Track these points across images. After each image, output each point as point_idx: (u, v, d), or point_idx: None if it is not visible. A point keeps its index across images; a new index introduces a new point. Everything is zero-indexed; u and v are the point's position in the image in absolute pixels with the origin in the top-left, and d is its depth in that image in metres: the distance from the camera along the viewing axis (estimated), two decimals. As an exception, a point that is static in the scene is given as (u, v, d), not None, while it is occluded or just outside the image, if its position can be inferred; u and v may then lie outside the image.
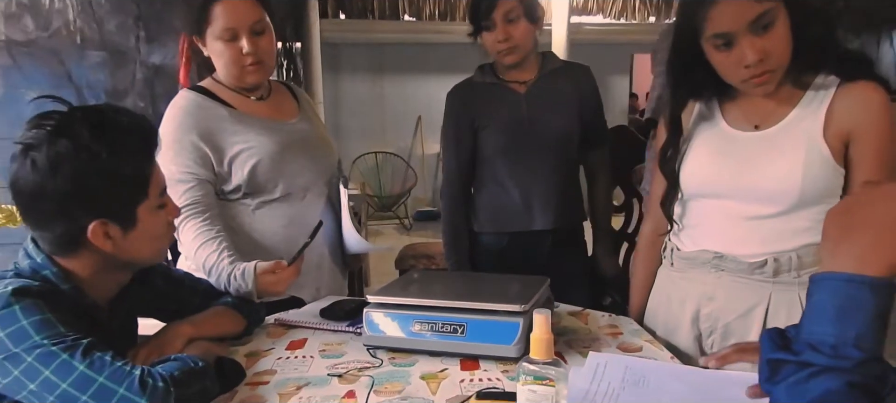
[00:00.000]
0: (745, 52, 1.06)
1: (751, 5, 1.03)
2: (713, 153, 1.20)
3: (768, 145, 1.13)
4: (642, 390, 1.03)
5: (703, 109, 1.25)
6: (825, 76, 1.11)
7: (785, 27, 1.05)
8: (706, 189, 1.21)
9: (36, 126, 0.97)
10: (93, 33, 2.15)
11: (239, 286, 1.32)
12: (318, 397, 1.05)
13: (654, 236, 1.36)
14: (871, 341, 0.61)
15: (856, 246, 0.64)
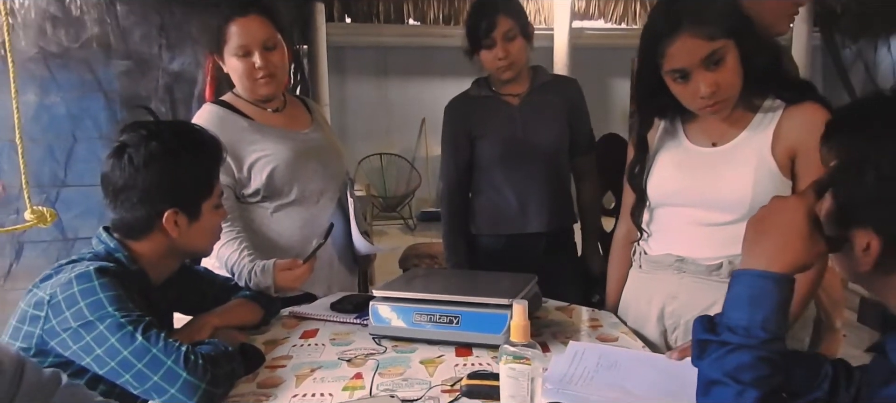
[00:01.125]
0: (699, 85, 1.21)
1: (703, 45, 1.18)
2: (676, 166, 1.36)
3: (724, 160, 1.29)
4: (614, 373, 1.18)
5: (668, 126, 1.40)
6: (772, 100, 1.27)
7: (735, 61, 1.20)
8: (670, 198, 1.37)
9: (131, 130, 1.21)
10: (118, 43, 2.32)
11: (259, 281, 1.49)
12: (329, 378, 1.21)
13: (626, 241, 1.52)
14: (775, 324, 0.77)
15: (766, 249, 0.80)
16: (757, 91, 1.27)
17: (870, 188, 0.75)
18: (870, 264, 0.76)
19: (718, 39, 1.18)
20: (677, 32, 1.19)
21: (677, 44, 1.20)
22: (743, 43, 1.20)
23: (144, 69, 2.45)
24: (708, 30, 1.17)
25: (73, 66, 2.16)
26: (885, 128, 0.75)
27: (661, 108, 1.35)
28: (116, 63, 2.31)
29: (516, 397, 0.95)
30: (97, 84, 2.23)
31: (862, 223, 0.76)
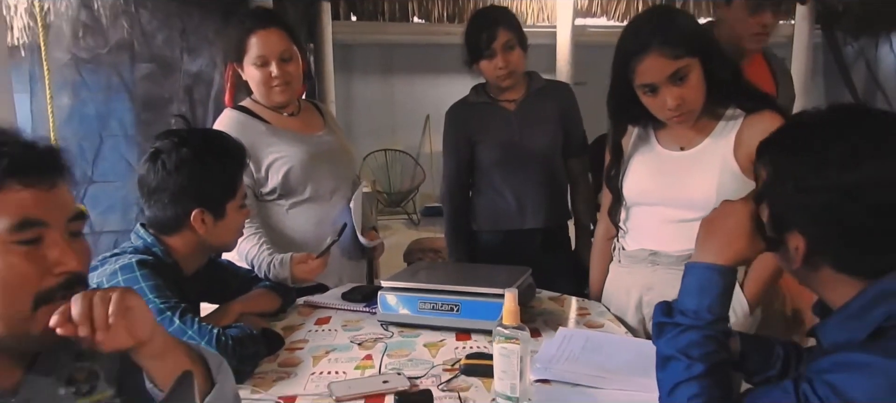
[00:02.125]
0: (666, 99, 1.36)
1: (669, 63, 1.33)
2: (649, 169, 1.51)
3: (691, 163, 1.44)
4: (597, 355, 1.34)
5: (641, 132, 1.56)
6: (734, 109, 1.42)
7: (698, 77, 1.36)
8: (643, 198, 1.53)
9: (165, 137, 1.38)
10: (141, 47, 2.48)
11: (277, 273, 1.65)
12: (343, 359, 1.37)
13: (606, 238, 1.69)
14: (719, 308, 0.92)
15: (713, 246, 0.95)
16: (720, 102, 1.43)
17: (792, 197, 0.89)
18: (799, 262, 0.91)
19: (683, 58, 1.33)
20: (646, 51, 1.35)
21: (646, 62, 1.35)
22: (706, 60, 1.36)
23: (166, 71, 2.62)
24: (673, 50, 1.33)
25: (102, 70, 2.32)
26: (802, 147, 0.90)
27: (634, 116, 1.49)
28: (140, 66, 2.47)
29: (508, 373, 1.11)
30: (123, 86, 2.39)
31: (791, 227, 0.91)
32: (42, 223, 0.80)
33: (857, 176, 0.84)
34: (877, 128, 0.88)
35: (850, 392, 0.79)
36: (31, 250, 0.80)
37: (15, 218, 0.78)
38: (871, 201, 0.84)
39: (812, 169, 0.88)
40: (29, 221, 0.79)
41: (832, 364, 0.83)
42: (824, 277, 0.92)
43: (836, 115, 0.92)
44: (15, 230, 0.78)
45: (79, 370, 0.93)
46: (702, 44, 1.37)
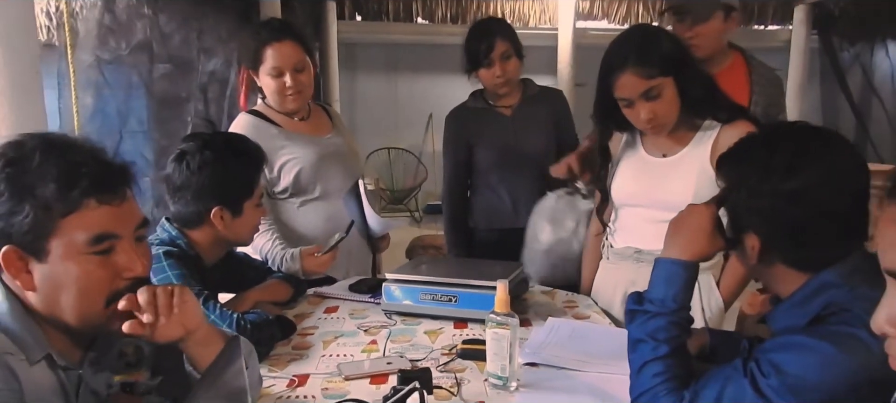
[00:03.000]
0: (639, 112, 1.50)
1: (642, 82, 1.47)
2: (634, 173, 1.65)
3: (672, 168, 1.58)
4: (582, 343, 1.48)
5: (629, 139, 1.69)
6: (710, 120, 1.56)
7: (671, 94, 1.49)
8: (629, 200, 1.66)
9: (191, 139, 1.51)
10: (160, 48, 2.62)
11: (289, 266, 1.79)
12: (350, 343, 1.51)
13: (597, 235, 1.82)
14: (683, 298, 1.06)
15: (678, 243, 1.09)
16: (698, 113, 1.56)
17: (745, 203, 1.03)
18: (755, 259, 1.05)
19: (656, 78, 1.47)
20: (623, 69, 1.49)
21: (623, 78, 1.49)
22: (679, 78, 1.49)
23: (183, 71, 2.76)
24: (647, 70, 1.46)
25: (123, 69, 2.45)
26: (752, 159, 1.04)
27: (619, 123, 1.63)
28: (158, 66, 2.61)
29: (499, 355, 1.25)
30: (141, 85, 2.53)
31: (747, 229, 1.05)
32: (114, 235, 0.95)
33: (797, 183, 0.98)
34: (813, 142, 1.02)
35: (787, 367, 0.92)
36: (104, 258, 0.94)
37: (92, 233, 0.92)
38: (810, 204, 0.98)
39: (760, 178, 1.02)
40: (103, 236, 0.94)
41: (775, 345, 0.97)
42: (776, 272, 1.06)
43: (781, 132, 1.06)
44: (91, 243, 0.93)
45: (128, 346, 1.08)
46: (676, 64, 1.50)
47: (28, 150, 0.92)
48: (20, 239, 0.90)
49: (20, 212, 0.89)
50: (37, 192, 0.89)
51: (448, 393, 1.23)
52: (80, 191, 0.91)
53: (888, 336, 0.71)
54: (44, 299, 0.93)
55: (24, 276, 0.91)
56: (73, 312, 0.94)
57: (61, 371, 0.96)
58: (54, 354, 0.95)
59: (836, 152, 1.02)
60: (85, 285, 0.93)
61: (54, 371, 0.95)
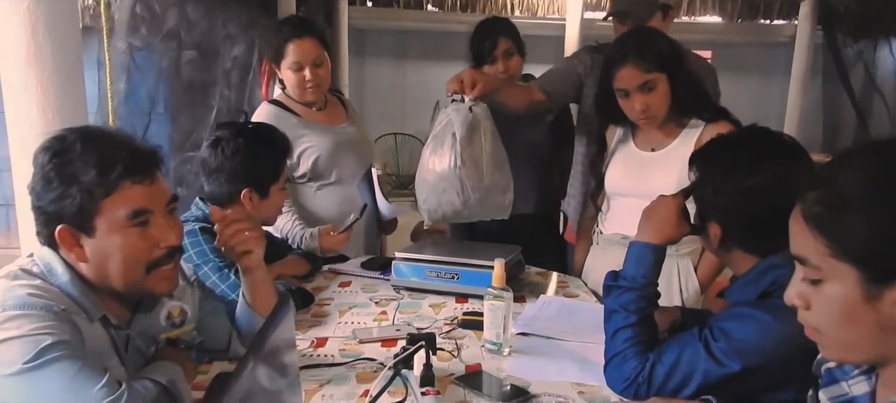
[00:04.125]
0: (635, 103, 1.69)
1: (639, 74, 1.66)
2: (624, 165, 1.83)
3: (659, 162, 1.76)
4: (570, 317, 1.67)
5: (621, 134, 1.88)
6: (696, 119, 1.74)
7: (664, 89, 1.67)
8: (618, 189, 1.85)
9: (226, 128, 1.70)
10: (187, 35, 2.80)
11: (308, 244, 1.99)
12: (363, 313, 1.70)
13: (589, 220, 2.01)
14: (651, 275, 1.25)
15: (649, 229, 1.28)
16: (685, 112, 1.75)
17: (711, 197, 1.22)
18: (717, 244, 1.24)
19: (653, 73, 1.65)
20: (624, 62, 1.68)
21: (622, 71, 1.68)
22: (673, 78, 1.67)
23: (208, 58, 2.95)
24: (645, 64, 1.65)
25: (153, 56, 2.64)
26: (717, 159, 1.22)
27: (616, 116, 1.81)
28: (185, 53, 2.79)
29: (494, 324, 1.44)
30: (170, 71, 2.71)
31: (711, 218, 1.23)
32: (148, 210, 1.13)
33: (753, 182, 1.17)
34: (770, 146, 1.20)
35: (733, 333, 1.12)
36: (142, 231, 1.13)
37: (130, 209, 1.10)
38: (763, 201, 1.16)
39: (723, 177, 1.20)
40: (139, 211, 1.11)
41: (726, 315, 1.16)
42: (734, 255, 1.25)
43: (744, 137, 1.25)
44: (130, 218, 1.11)
45: (173, 306, 1.28)
46: (671, 64, 1.69)
47: (69, 143, 1.09)
48: (70, 218, 1.08)
49: (68, 196, 1.06)
50: (81, 178, 1.07)
51: (450, 355, 1.43)
52: (117, 174, 1.08)
53: (799, 309, 0.88)
54: (95, 268, 1.11)
55: (78, 250, 1.09)
56: (120, 278, 1.12)
57: (113, 330, 1.15)
58: (108, 315, 1.14)
59: (787, 156, 1.21)
60: (128, 254, 1.11)
61: (108, 329, 1.14)
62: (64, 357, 0.98)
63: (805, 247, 0.79)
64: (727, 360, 1.12)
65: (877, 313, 0.74)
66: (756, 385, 1.13)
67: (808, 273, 0.80)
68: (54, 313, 1.02)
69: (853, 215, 0.74)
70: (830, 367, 0.92)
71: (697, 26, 7.19)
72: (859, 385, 0.86)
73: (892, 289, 0.72)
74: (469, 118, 1.80)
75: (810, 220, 0.78)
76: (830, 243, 0.75)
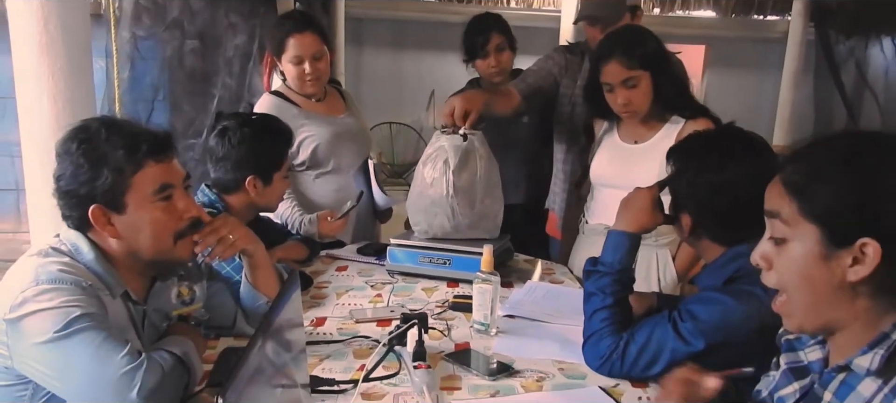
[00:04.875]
0: (617, 97, 1.80)
1: (622, 71, 1.78)
2: (609, 157, 1.95)
3: (641, 155, 1.87)
4: (554, 301, 1.79)
5: (608, 127, 1.99)
6: (677, 116, 1.85)
7: (646, 85, 1.79)
8: (603, 181, 1.96)
9: (231, 118, 1.79)
10: (190, 25, 2.89)
11: (307, 230, 2.09)
12: (360, 296, 1.82)
13: (574, 216, 2.12)
14: (627, 261, 1.37)
15: (625, 217, 1.40)
16: (667, 109, 1.86)
17: (684, 190, 1.34)
18: (687, 233, 1.35)
19: (636, 70, 1.77)
20: (610, 58, 1.80)
21: (608, 66, 1.80)
22: (656, 75, 1.78)
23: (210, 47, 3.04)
24: (628, 61, 1.77)
25: (157, 45, 2.73)
26: (691, 155, 1.34)
27: (604, 111, 1.92)
28: (188, 42, 2.89)
29: (482, 306, 1.56)
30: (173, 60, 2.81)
31: (684, 209, 1.35)
32: (171, 185, 1.25)
33: (723, 178, 1.28)
34: (739, 145, 1.32)
35: (699, 314, 1.24)
36: (167, 204, 1.24)
37: (156, 185, 1.22)
38: (731, 195, 1.28)
39: (696, 171, 1.32)
40: (164, 185, 1.23)
41: (694, 298, 1.29)
42: (704, 244, 1.36)
43: (716, 135, 1.37)
44: (157, 192, 1.22)
45: (183, 286, 1.39)
46: (655, 63, 1.80)
47: (94, 130, 1.20)
48: (102, 198, 1.18)
49: (100, 177, 1.17)
50: (110, 159, 1.18)
51: (440, 334, 1.54)
52: (143, 153, 1.20)
53: (763, 271, 0.98)
54: (126, 243, 1.22)
55: (109, 228, 1.21)
56: (151, 248, 1.23)
57: (132, 305, 1.27)
58: (129, 291, 1.25)
59: (755, 154, 1.32)
60: (157, 226, 1.23)
61: (127, 304, 1.26)
62: (91, 328, 1.09)
63: (780, 205, 0.90)
64: (692, 339, 1.24)
65: (831, 273, 0.85)
66: (719, 361, 1.24)
67: (776, 229, 0.91)
68: (82, 288, 1.13)
69: (822, 184, 0.86)
70: (790, 338, 1.03)
71: (692, 20, 7.31)
72: (814, 353, 0.97)
73: (845, 253, 0.84)
74: (462, 147, 1.89)
75: (787, 185, 0.90)
76: (801, 203, 0.87)
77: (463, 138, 1.90)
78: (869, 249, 0.82)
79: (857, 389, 0.85)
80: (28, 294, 1.10)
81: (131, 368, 1.09)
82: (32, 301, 1.09)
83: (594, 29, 2.20)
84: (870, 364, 0.84)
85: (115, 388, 1.08)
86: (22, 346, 1.10)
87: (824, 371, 0.93)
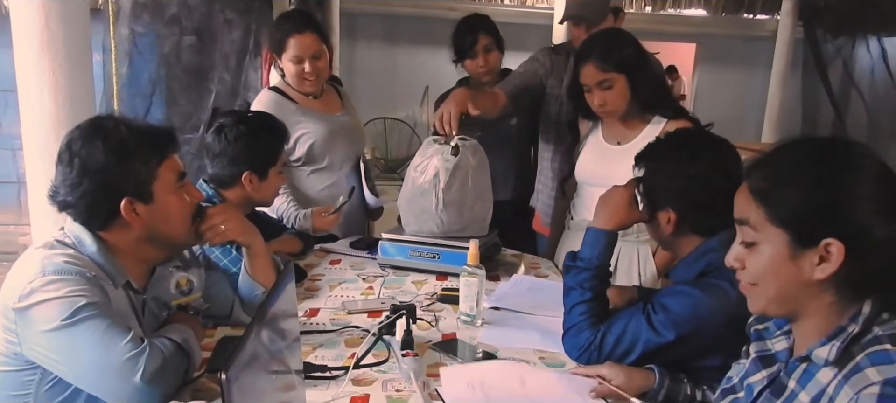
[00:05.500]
0: (594, 98, 1.88)
1: (597, 73, 1.85)
2: (593, 157, 2.02)
3: (623, 155, 1.94)
4: (538, 294, 1.86)
5: (592, 127, 2.06)
6: (658, 116, 1.93)
7: (622, 87, 1.86)
8: (587, 179, 2.04)
9: (228, 116, 1.86)
10: (187, 21, 2.95)
11: (302, 224, 2.16)
12: (352, 288, 1.89)
13: (560, 213, 2.20)
14: (604, 257, 1.44)
15: (603, 215, 1.47)
16: (648, 110, 1.93)
17: (663, 185, 1.40)
18: (671, 229, 1.42)
19: (610, 73, 1.85)
20: (587, 60, 1.87)
21: (585, 68, 1.88)
22: (632, 78, 1.86)
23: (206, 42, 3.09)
24: (603, 64, 1.84)
25: (156, 41, 2.78)
26: (665, 153, 1.41)
27: (588, 110, 1.99)
28: (185, 38, 2.94)
29: (468, 298, 1.63)
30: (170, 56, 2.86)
31: (663, 205, 1.42)
32: (185, 173, 1.33)
33: (697, 169, 1.36)
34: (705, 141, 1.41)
35: (670, 306, 1.31)
36: (184, 190, 1.33)
37: (177, 173, 1.32)
38: (705, 184, 1.35)
39: (673, 165, 1.39)
40: (182, 173, 1.34)
41: (667, 292, 1.36)
42: (682, 240, 1.43)
43: (681, 135, 1.45)
44: (179, 179, 1.32)
45: (181, 277, 1.45)
46: (630, 65, 1.87)
47: (111, 127, 1.26)
48: (131, 190, 1.26)
49: (129, 170, 1.25)
50: (138, 152, 1.25)
51: (428, 325, 1.61)
52: (164, 144, 1.30)
53: (737, 271, 1.05)
54: (153, 229, 1.29)
55: (134, 217, 1.27)
56: (178, 231, 1.34)
57: (133, 294, 1.33)
58: (131, 281, 1.32)
59: (718, 148, 1.41)
60: (182, 210, 1.34)
61: (129, 294, 1.32)
62: (95, 316, 1.16)
63: (748, 212, 0.97)
64: (664, 330, 1.31)
65: (799, 271, 0.92)
66: (689, 351, 1.33)
67: (746, 234, 0.98)
68: (86, 278, 1.19)
69: (787, 190, 0.93)
70: (759, 329, 1.10)
71: (682, 18, 7.40)
72: (780, 343, 1.05)
73: (810, 252, 0.91)
74: (452, 163, 1.93)
75: (754, 192, 0.96)
76: (767, 209, 0.94)
77: (454, 150, 1.94)
78: (833, 248, 0.88)
79: (817, 377, 0.93)
80: (35, 284, 1.16)
81: (135, 354, 1.16)
82: (40, 291, 1.15)
83: (579, 29, 2.27)
84: (827, 355, 0.91)
85: (120, 372, 1.15)
86: (30, 334, 1.16)
87: (789, 360, 1.00)
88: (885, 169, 0.91)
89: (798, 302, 0.95)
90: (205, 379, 1.31)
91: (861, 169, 0.90)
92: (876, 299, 0.91)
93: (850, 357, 0.89)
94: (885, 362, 0.85)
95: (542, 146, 2.43)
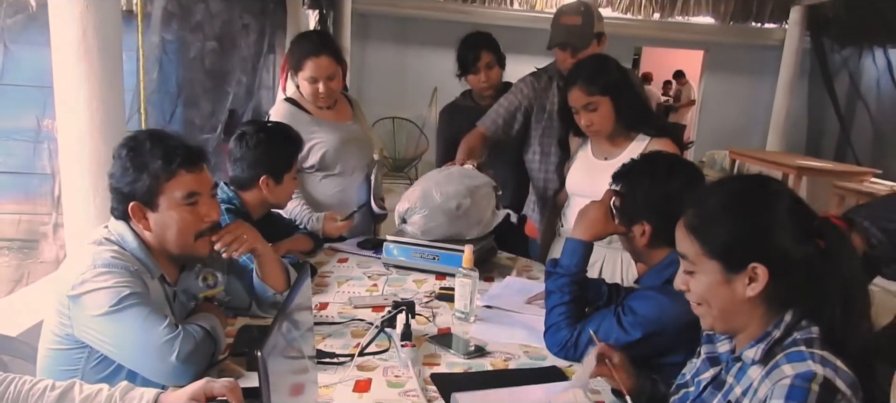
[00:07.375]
0: (581, 119, 2.09)
1: (583, 96, 2.05)
2: (582, 170, 2.22)
3: (610, 169, 2.10)
4: (527, 295, 2.06)
5: (582, 143, 2.27)
6: (643, 134, 2.12)
7: (607, 109, 2.06)
8: (577, 191, 2.23)
9: (249, 125, 2.09)
10: (209, 27, 3.16)
11: (314, 227, 2.37)
12: (358, 285, 2.10)
13: (550, 221, 2.40)
14: (582, 265, 1.64)
15: (581, 226, 1.67)
16: (633, 127, 2.12)
17: (641, 200, 1.60)
18: (645, 241, 1.61)
19: (595, 96, 2.05)
20: (574, 85, 2.08)
21: (572, 92, 2.09)
22: (616, 100, 2.05)
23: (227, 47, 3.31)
24: (588, 88, 2.05)
25: (182, 48, 2.99)
26: (643, 172, 1.61)
27: (577, 129, 2.19)
28: (208, 44, 3.15)
29: (463, 297, 1.83)
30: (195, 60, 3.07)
31: (639, 219, 1.61)
32: (198, 193, 1.52)
33: (671, 186, 1.55)
34: (675, 163, 1.61)
35: (638, 309, 1.51)
36: (192, 208, 1.51)
37: (185, 192, 1.50)
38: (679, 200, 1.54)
39: (650, 182, 1.59)
40: (191, 193, 1.51)
41: (635, 296, 1.56)
42: (655, 250, 1.63)
43: (653, 157, 1.66)
44: (185, 198, 1.50)
45: (207, 272, 1.66)
46: (614, 88, 2.07)
47: (141, 141, 1.49)
48: (141, 197, 1.47)
49: (140, 180, 1.46)
50: (150, 167, 1.46)
51: (426, 320, 1.82)
52: (176, 164, 1.48)
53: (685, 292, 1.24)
54: (157, 236, 1.50)
55: (144, 221, 1.49)
56: (176, 244, 1.51)
57: (166, 286, 1.54)
58: (164, 274, 1.53)
59: (687, 170, 1.60)
60: (181, 226, 1.50)
61: (163, 286, 1.54)
62: (138, 304, 1.37)
63: (685, 247, 1.17)
64: (631, 330, 1.51)
65: (733, 292, 1.12)
66: (653, 348, 1.53)
67: (687, 266, 1.18)
68: (130, 271, 1.41)
69: (716, 227, 1.13)
70: (710, 333, 1.30)
71: (691, 26, 7.56)
72: (724, 345, 1.25)
73: (741, 275, 1.10)
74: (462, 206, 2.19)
75: (689, 228, 1.16)
76: (701, 244, 1.14)
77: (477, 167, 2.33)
78: (759, 271, 1.08)
79: (748, 373, 1.13)
80: (86, 275, 1.38)
81: (171, 337, 1.37)
82: (90, 281, 1.37)
83: (564, 53, 2.47)
84: (755, 356, 1.11)
85: (159, 352, 1.37)
86: (82, 317, 1.38)
87: (729, 360, 1.20)
88: (796, 200, 1.11)
89: (738, 318, 1.14)
90: (229, 361, 1.52)
91: (776, 203, 1.10)
92: (797, 309, 1.11)
93: (772, 356, 1.09)
94: (798, 360, 1.05)
95: (528, 162, 2.63)
